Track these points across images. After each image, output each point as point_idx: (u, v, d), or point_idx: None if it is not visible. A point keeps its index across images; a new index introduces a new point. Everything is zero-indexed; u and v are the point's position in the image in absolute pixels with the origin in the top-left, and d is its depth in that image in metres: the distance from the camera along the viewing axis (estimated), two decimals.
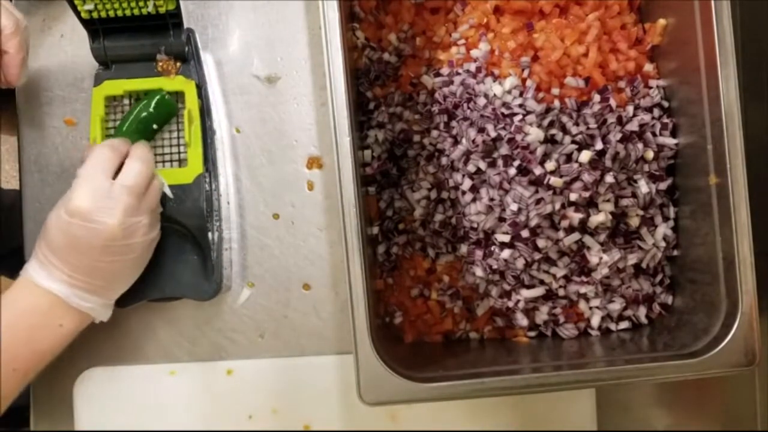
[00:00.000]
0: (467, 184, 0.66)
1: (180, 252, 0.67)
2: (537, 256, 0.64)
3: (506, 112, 0.65)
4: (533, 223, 0.63)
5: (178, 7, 0.64)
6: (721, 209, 0.59)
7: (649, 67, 0.68)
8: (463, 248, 0.67)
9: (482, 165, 0.65)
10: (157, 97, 0.66)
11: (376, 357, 0.57)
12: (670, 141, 0.66)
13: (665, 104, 0.67)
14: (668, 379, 0.59)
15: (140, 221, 0.59)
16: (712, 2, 0.58)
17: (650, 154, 0.65)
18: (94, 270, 0.58)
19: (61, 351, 0.60)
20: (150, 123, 0.66)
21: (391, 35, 0.71)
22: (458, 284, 0.68)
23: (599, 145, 0.64)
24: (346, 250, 0.57)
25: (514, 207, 0.63)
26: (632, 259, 0.66)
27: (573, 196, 0.62)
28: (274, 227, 0.72)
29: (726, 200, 0.58)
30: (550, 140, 0.64)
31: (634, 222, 0.65)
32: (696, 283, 0.64)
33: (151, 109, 0.65)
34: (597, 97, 0.66)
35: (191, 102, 0.67)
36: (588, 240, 0.64)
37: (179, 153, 0.68)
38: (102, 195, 0.58)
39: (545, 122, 0.64)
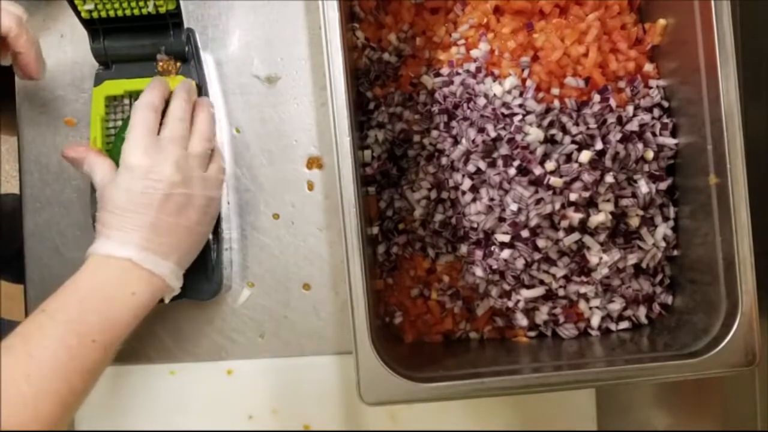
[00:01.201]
0: (467, 184, 0.66)
1: None
2: (537, 256, 0.64)
3: (506, 112, 0.65)
4: (533, 223, 0.63)
5: (178, 7, 0.64)
6: (721, 209, 0.59)
7: (649, 67, 0.68)
8: (463, 248, 0.67)
9: (482, 165, 0.65)
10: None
11: (376, 357, 0.57)
12: (670, 141, 0.66)
13: (665, 104, 0.67)
14: (668, 379, 0.59)
15: (192, 174, 0.61)
16: (712, 2, 0.58)
17: (650, 154, 0.65)
18: (158, 227, 0.58)
19: (138, 322, 0.59)
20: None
21: (391, 35, 0.71)
22: (458, 284, 0.68)
23: (599, 145, 0.64)
24: (346, 250, 0.57)
25: (514, 207, 0.63)
26: (632, 259, 0.66)
27: (573, 196, 0.62)
28: (274, 227, 0.72)
29: (726, 200, 0.58)
30: (550, 140, 0.64)
31: (634, 222, 0.65)
32: (696, 283, 0.64)
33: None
34: (597, 97, 0.66)
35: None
36: (588, 240, 0.64)
37: None
38: (153, 150, 0.60)
39: (545, 122, 0.64)
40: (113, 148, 0.65)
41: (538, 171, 0.62)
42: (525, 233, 0.64)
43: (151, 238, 0.58)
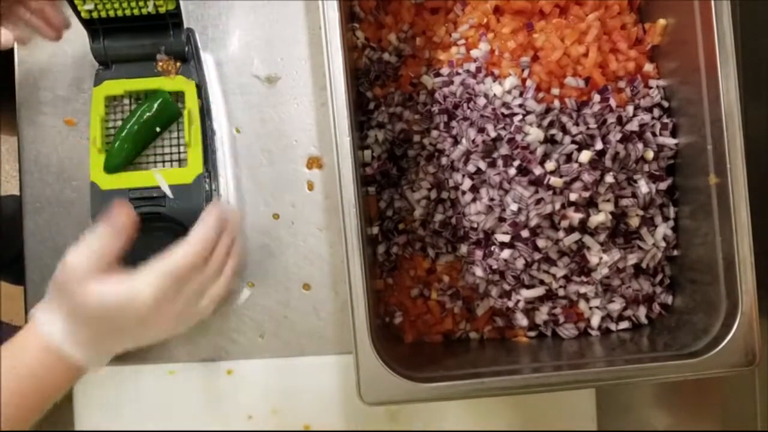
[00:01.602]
0: (467, 184, 0.66)
1: None
2: (537, 256, 0.64)
3: (506, 112, 0.65)
4: (533, 223, 0.63)
5: (178, 7, 0.64)
6: (721, 209, 0.59)
7: (649, 67, 0.68)
8: (463, 248, 0.67)
9: (482, 165, 0.65)
10: (160, 99, 0.65)
11: (376, 357, 0.57)
12: (670, 141, 0.66)
13: (665, 104, 0.67)
14: (668, 379, 0.59)
15: (180, 305, 0.55)
16: (712, 2, 0.58)
17: (650, 154, 0.65)
18: (106, 339, 0.55)
19: (54, 400, 0.56)
20: (152, 125, 0.66)
21: (391, 35, 0.71)
22: (458, 284, 0.68)
23: (599, 145, 0.64)
24: (346, 250, 0.57)
25: (514, 207, 0.63)
26: (632, 259, 0.66)
27: (573, 196, 0.62)
28: (274, 227, 0.72)
29: (726, 200, 0.58)
30: (550, 140, 0.64)
31: (634, 222, 0.65)
32: (696, 283, 0.64)
33: (153, 111, 0.65)
34: (597, 97, 0.66)
35: (191, 102, 0.67)
36: (588, 240, 0.64)
37: (179, 153, 0.68)
38: (168, 297, 0.54)
39: (545, 122, 0.64)
40: (112, 149, 0.65)
41: (538, 171, 0.62)
42: (525, 233, 0.64)
43: (96, 342, 0.54)
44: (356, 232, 0.57)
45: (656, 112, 0.67)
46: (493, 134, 0.64)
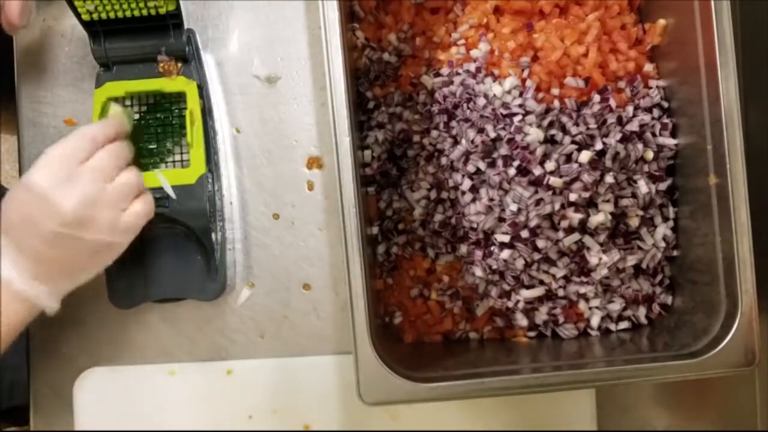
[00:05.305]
0: (467, 184, 0.66)
1: (184, 253, 0.67)
2: (537, 256, 0.64)
3: (506, 112, 0.65)
4: (533, 223, 0.63)
5: (178, 7, 0.64)
6: (721, 209, 0.59)
7: (649, 68, 0.68)
8: (463, 248, 0.67)
9: (482, 165, 0.65)
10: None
11: (376, 357, 0.57)
12: (670, 141, 0.66)
13: (665, 104, 0.67)
14: (668, 379, 0.59)
15: (97, 215, 0.56)
16: (712, 2, 0.58)
17: (650, 155, 0.65)
18: (41, 255, 0.56)
19: (8, 340, 0.56)
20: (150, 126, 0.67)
21: (391, 35, 0.71)
22: (458, 284, 0.68)
23: (599, 146, 0.64)
24: (346, 250, 0.58)
25: (513, 207, 0.63)
26: (632, 259, 0.66)
27: (573, 197, 0.62)
28: (275, 227, 0.72)
29: (726, 200, 0.58)
30: (549, 140, 0.64)
31: (634, 222, 0.65)
32: (696, 283, 0.64)
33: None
34: (597, 98, 0.66)
35: (193, 102, 0.67)
36: (588, 240, 0.64)
37: (182, 154, 0.68)
38: (62, 176, 0.55)
39: (545, 122, 0.64)
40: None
41: (537, 171, 0.62)
42: (525, 233, 0.64)
43: (32, 263, 0.56)
44: (356, 232, 0.57)
45: (656, 112, 0.67)
46: (492, 134, 0.64)
